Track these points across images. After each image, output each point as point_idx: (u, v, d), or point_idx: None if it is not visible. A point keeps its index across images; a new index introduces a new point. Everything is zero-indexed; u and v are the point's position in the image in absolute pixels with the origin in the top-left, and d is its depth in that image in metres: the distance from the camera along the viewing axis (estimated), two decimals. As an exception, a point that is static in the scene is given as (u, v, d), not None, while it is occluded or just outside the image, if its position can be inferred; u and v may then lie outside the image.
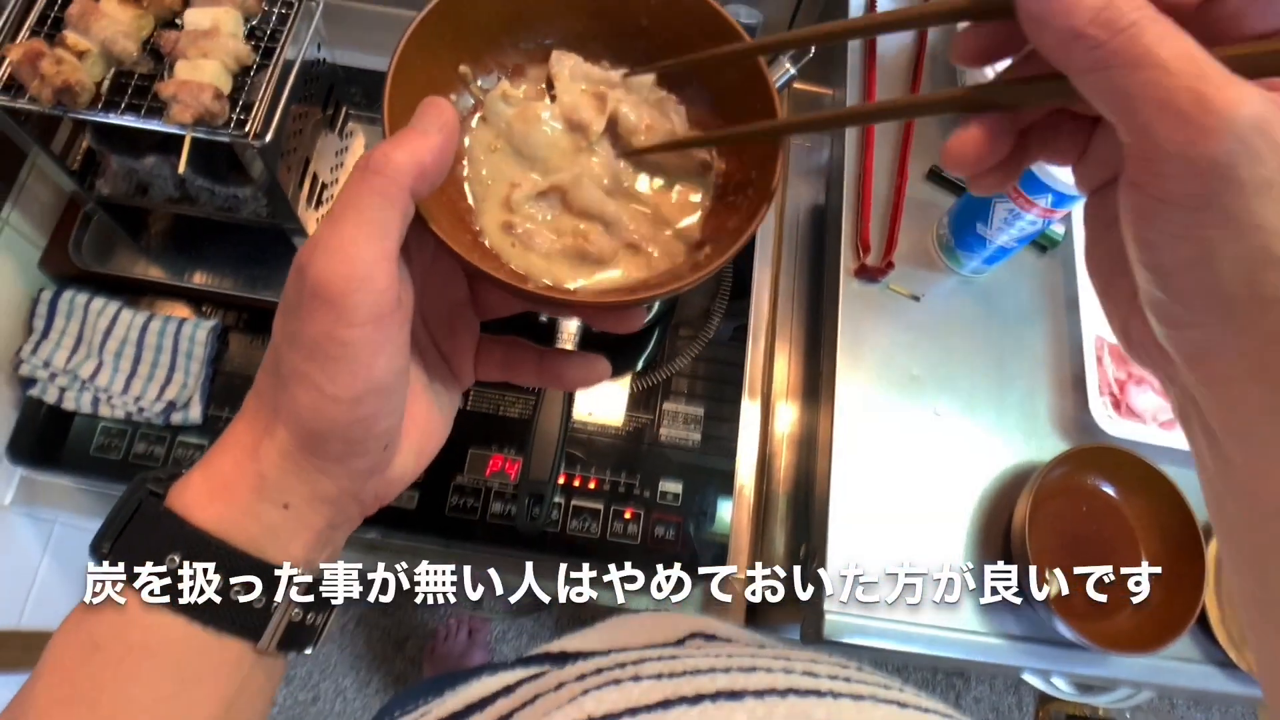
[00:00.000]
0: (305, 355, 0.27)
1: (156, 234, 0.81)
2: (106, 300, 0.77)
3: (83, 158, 0.72)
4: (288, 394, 0.27)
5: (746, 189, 0.36)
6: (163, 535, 0.28)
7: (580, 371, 0.37)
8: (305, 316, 0.26)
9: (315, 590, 0.30)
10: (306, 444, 0.28)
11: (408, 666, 1.44)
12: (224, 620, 0.28)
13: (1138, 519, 0.71)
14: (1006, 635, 0.68)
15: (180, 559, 0.27)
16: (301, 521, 0.29)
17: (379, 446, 0.30)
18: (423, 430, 0.33)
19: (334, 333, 0.26)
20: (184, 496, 0.28)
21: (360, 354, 0.27)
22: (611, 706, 0.30)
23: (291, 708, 1.40)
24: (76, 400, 0.74)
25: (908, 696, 0.32)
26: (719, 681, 0.32)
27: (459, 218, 0.35)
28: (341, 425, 0.28)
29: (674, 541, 0.80)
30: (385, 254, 0.27)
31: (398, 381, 0.29)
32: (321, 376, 0.27)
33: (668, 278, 0.36)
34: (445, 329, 0.36)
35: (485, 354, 0.38)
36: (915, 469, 0.72)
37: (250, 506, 0.28)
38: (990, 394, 0.75)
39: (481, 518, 0.79)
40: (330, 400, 0.27)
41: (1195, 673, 0.69)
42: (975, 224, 0.73)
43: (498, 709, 0.36)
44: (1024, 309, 0.79)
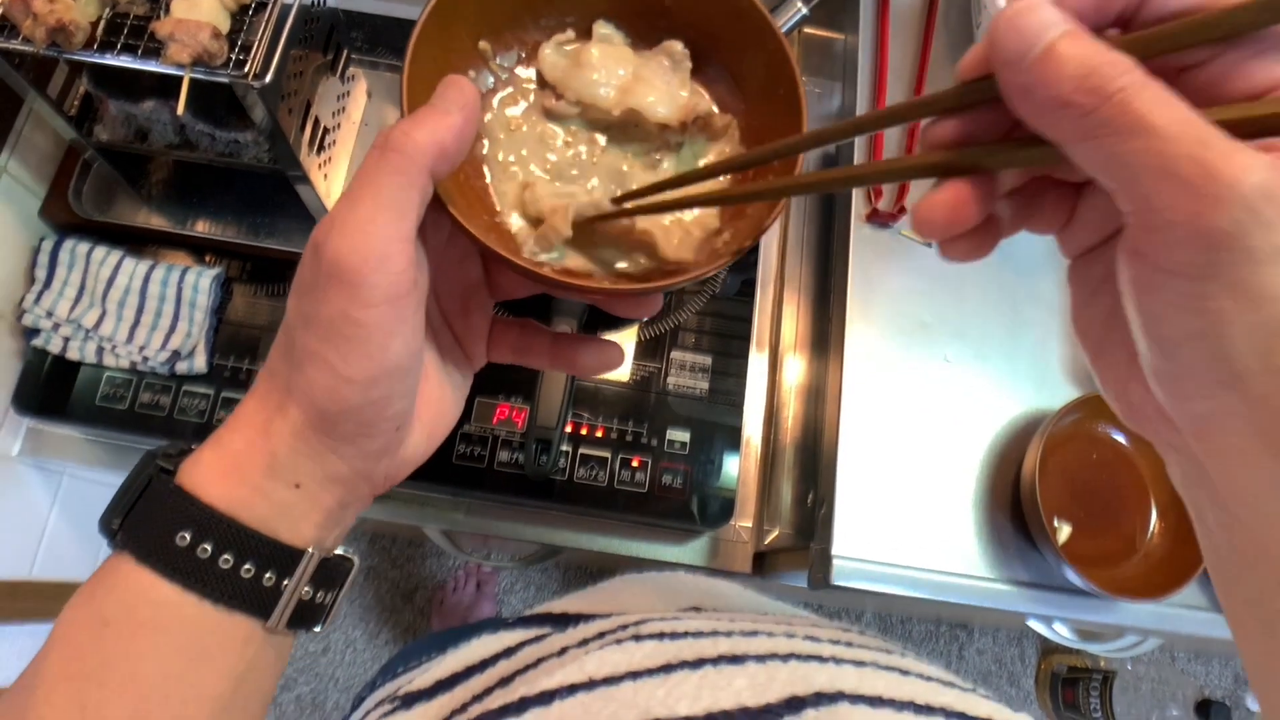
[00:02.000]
0: (320, 336, 0.27)
1: (157, 182, 0.79)
2: (109, 249, 0.76)
3: (80, 103, 0.71)
4: (301, 374, 0.27)
5: (767, 176, 0.36)
6: (173, 512, 0.28)
7: (593, 358, 0.37)
8: (321, 297, 0.26)
9: (326, 568, 0.30)
10: (319, 424, 0.28)
11: (416, 617, 1.46)
12: (234, 598, 0.28)
13: (1148, 467, 0.70)
14: (1014, 581, 0.68)
15: (191, 537, 0.27)
16: (313, 501, 0.29)
17: (391, 428, 0.30)
18: (435, 411, 0.33)
19: (349, 313, 0.26)
20: (194, 474, 0.28)
21: (375, 335, 0.26)
22: (613, 668, 0.31)
23: (302, 659, 1.42)
24: (81, 350, 0.74)
25: (909, 663, 0.32)
26: (720, 646, 0.32)
27: (476, 198, 0.35)
28: (355, 406, 0.27)
29: (681, 489, 0.80)
30: (403, 235, 0.27)
31: (412, 363, 0.28)
32: (336, 357, 0.27)
33: (685, 266, 0.35)
34: (459, 309, 0.36)
35: (498, 336, 0.37)
36: (925, 416, 0.71)
37: (261, 485, 0.28)
38: (1002, 342, 0.74)
39: (489, 466, 0.79)
40: (344, 381, 0.27)
41: (1202, 620, 0.69)
42: (990, 168, 0.71)
43: (499, 670, 0.37)
44: (1037, 255, 0.78)
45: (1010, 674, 1.56)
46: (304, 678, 1.42)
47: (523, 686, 0.31)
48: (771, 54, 0.35)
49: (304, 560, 0.29)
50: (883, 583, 0.66)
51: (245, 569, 0.28)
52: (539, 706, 0.29)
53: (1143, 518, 0.70)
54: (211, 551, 0.27)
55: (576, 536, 0.84)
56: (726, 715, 0.27)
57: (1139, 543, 0.69)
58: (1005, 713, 0.28)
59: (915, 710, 0.27)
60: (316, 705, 1.40)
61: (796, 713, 0.27)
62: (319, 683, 1.42)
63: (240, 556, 0.28)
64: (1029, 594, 0.68)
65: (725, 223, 0.37)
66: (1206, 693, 1.26)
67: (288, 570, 0.29)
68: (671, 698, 0.28)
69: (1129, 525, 0.69)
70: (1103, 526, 0.69)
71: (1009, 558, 0.68)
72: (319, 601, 0.31)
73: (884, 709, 0.27)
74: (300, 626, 0.31)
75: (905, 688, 0.29)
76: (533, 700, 0.29)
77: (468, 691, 0.36)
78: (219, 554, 0.27)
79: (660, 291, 0.34)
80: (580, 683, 0.30)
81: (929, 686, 0.30)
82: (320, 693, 1.42)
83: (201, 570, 0.27)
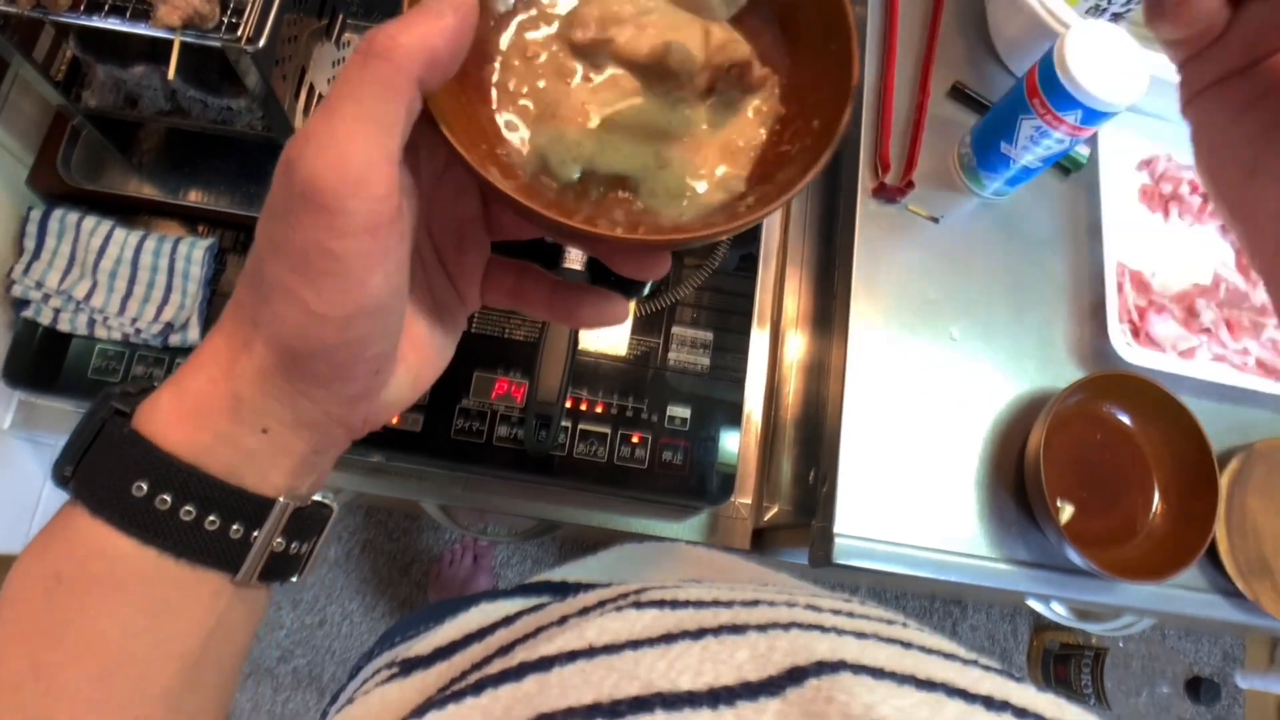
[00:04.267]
0: (290, 266, 0.24)
1: (148, 150, 0.78)
2: (99, 219, 0.74)
3: (67, 68, 0.69)
4: (269, 308, 0.25)
5: (805, 139, 0.33)
6: (129, 460, 0.25)
7: (595, 310, 0.34)
8: (292, 221, 0.23)
9: (300, 518, 0.28)
10: (287, 365, 0.25)
11: (413, 591, 1.47)
12: (199, 552, 0.26)
13: (1152, 448, 0.70)
14: (1015, 561, 0.68)
15: (148, 487, 0.25)
16: (281, 447, 0.27)
17: (369, 371, 0.27)
18: (421, 354, 0.31)
19: (324, 243, 0.23)
20: (152, 418, 0.26)
21: (352, 268, 0.24)
22: (614, 636, 0.29)
23: (298, 631, 1.42)
24: (71, 322, 0.73)
25: (911, 634, 0.31)
26: (721, 616, 0.31)
27: (478, 125, 0.32)
28: (328, 347, 0.25)
29: (681, 466, 0.79)
30: (386, 154, 0.24)
31: (393, 301, 0.26)
32: (308, 291, 0.24)
33: (702, 224, 0.33)
34: (453, 246, 0.33)
35: (494, 277, 0.35)
36: (929, 394, 0.71)
37: (225, 430, 0.26)
38: (1008, 319, 0.73)
39: (488, 441, 0.79)
40: (316, 319, 0.24)
41: (1201, 601, 0.69)
42: (999, 142, 0.70)
43: (498, 638, 0.35)
44: (1045, 233, 0.77)
45: (1003, 650, 1.57)
46: (300, 650, 1.42)
47: (522, 653, 0.30)
48: (829, 4, 0.32)
49: (274, 511, 0.27)
50: (884, 561, 0.66)
51: (210, 521, 0.26)
52: (538, 672, 0.28)
53: (1145, 498, 0.69)
54: (171, 503, 0.25)
55: (575, 512, 0.84)
56: (728, 690, 0.26)
57: (1141, 523, 0.69)
58: (1007, 687, 0.27)
59: (916, 685, 0.26)
60: (313, 678, 1.41)
61: (799, 683, 0.26)
62: (315, 655, 1.42)
63: (204, 508, 0.26)
64: (1030, 573, 0.68)
65: (751, 186, 0.35)
66: (1196, 670, 1.27)
67: (257, 522, 0.27)
68: (674, 670, 0.27)
69: (1131, 506, 0.69)
70: (1105, 506, 0.69)
71: (1010, 537, 0.68)
72: (293, 552, 0.29)
73: (885, 681, 0.26)
74: (274, 578, 0.29)
75: (907, 661, 0.28)
76: (531, 666, 0.28)
77: (467, 659, 0.35)
78: (179, 505, 0.25)
79: (671, 248, 0.32)
80: (580, 649, 0.29)
81: (930, 660, 0.29)
82: (316, 665, 1.42)
83: (161, 523, 0.25)
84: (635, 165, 0.34)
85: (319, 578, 1.45)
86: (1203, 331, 0.72)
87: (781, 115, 0.36)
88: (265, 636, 1.42)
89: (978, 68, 0.79)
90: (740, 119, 0.36)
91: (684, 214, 0.34)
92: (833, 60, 0.33)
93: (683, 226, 0.33)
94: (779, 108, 0.36)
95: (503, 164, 0.32)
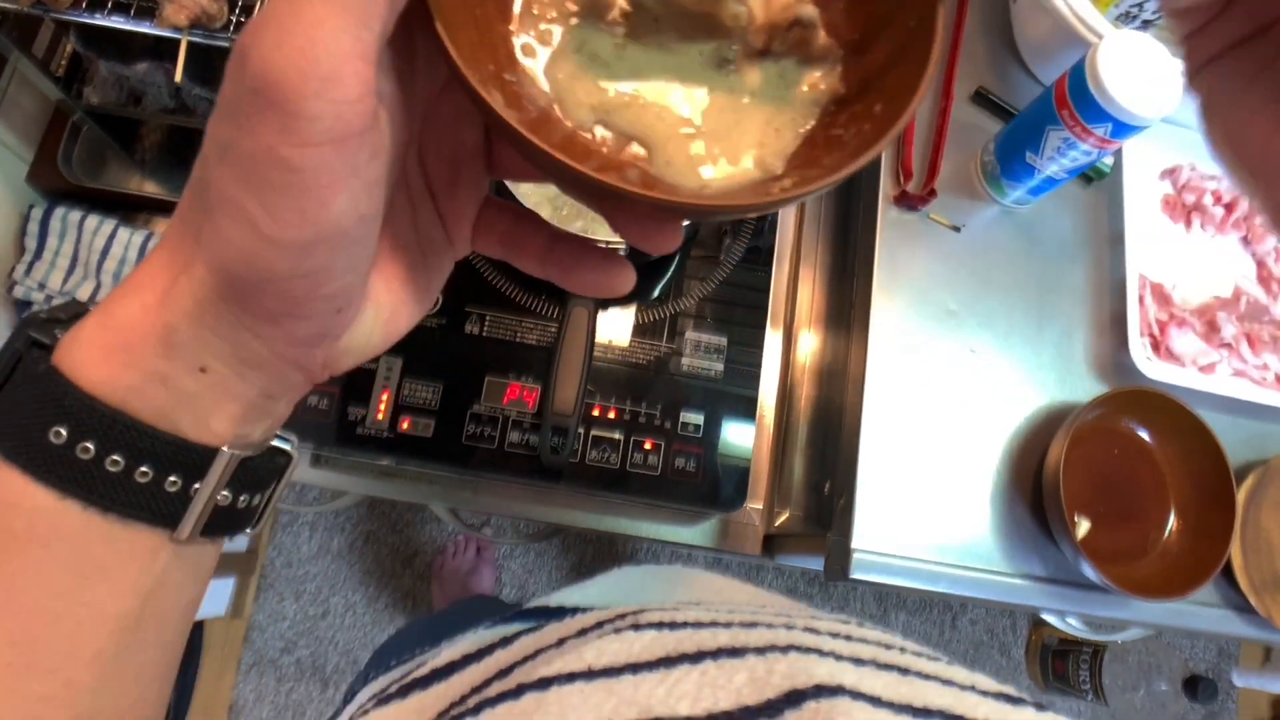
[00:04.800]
0: (238, 176, 0.20)
1: (151, 146, 0.76)
2: (101, 218, 0.72)
3: (68, 63, 0.67)
4: (211, 224, 0.21)
5: (863, 123, 0.29)
6: (47, 401, 0.22)
7: (596, 273, 0.30)
8: (242, 123, 0.20)
9: (249, 468, 0.25)
10: (230, 293, 0.22)
11: (416, 582, 1.47)
12: (129, 506, 0.23)
13: (1169, 464, 0.69)
14: (1031, 576, 0.67)
15: (67, 433, 0.22)
16: (224, 389, 0.23)
17: (329, 309, 0.24)
18: (396, 296, 0.27)
19: (278, 150, 0.19)
20: (74, 352, 0.22)
21: (311, 184, 0.20)
22: (612, 658, 0.28)
23: (301, 622, 1.42)
24: (76, 323, 0.71)
25: (908, 659, 0.30)
26: (720, 638, 0.29)
27: (490, 42, 0.28)
28: (278, 276, 0.21)
29: (694, 473, 0.79)
30: (360, 48, 0.20)
31: (361, 230, 0.22)
32: (257, 209, 0.20)
33: (729, 196, 0.29)
34: (447, 178, 0.29)
35: (487, 221, 0.30)
36: (946, 406, 0.70)
37: (156, 368, 0.22)
38: (1027, 331, 0.73)
39: (499, 447, 0.78)
40: (266, 242, 0.20)
41: (1214, 617, 0.69)
42: (1024, 151, 0.69)
43: (496, 660, 0.34)
44: (1066, 243, 0.76)
45: (1001, 644, 1.58)
46: (304, 641, 1.42)
47: (520, 675, 0.29)
48: None
49: (217, 463, 0.24)
50: (900, 576, 0.66)
51: (141, 472, 0.23)
52: (536, 691, 0.27)
53: (1161, 515, 0.69)
54: (95, 451, 0.22)
55: (585, 517, 0.83)
56: (727, 715, 0.25)
57: (1156, 540, 0.68)
58: (1004, 711, 0.27)
59: (913, 713, 0.26)
60: (317, 668, 1.41)
61: (797, 706, 0.25)
62: (318, 646, 1.42)
63: (133, 458, 0.22)
64: (1045, 589, 0.67)
65: (790, 168, 0.30)
66: (1192, 667, 1.28)
67: (197, 473, 0.24)
68: (672, 696, 0.26)
69: (1146, 522, 0.69)
70: (1120, 522, 0.69)
71: (1026, 552, 0.68)
72: (242, 506, 0.26)
73: (883, 710, 0.25)
74: (222, 533, 0.26)
75: (904, 689, 0.27)
76: (530, 686, 0.27)
77: (465, 682, 0.34)
78: (105, 454, 0.22)
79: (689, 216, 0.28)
80: (579, 671, 0.28)
81: (928, 686, 0.28)
82: (320, 656, 1.42)
83: (84, 474, 0.22)
84: (659, 129, 0.30)
85: (322, 568, 1.45)
86: (1223, 346, 0.71)
87: (840, 95, 0.31)
88: (268, 628, 1.42)
89: (1002, 72, 0.78)
90: (792, 94, 0.32)
91: (706, 187, 0.30)
92: (909, 38, 0.28)
93: (707, 194, 0.29)
94: (838, 86, 0.31)
95: (509, 91, 0.28)
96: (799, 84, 0.31)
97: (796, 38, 0.31)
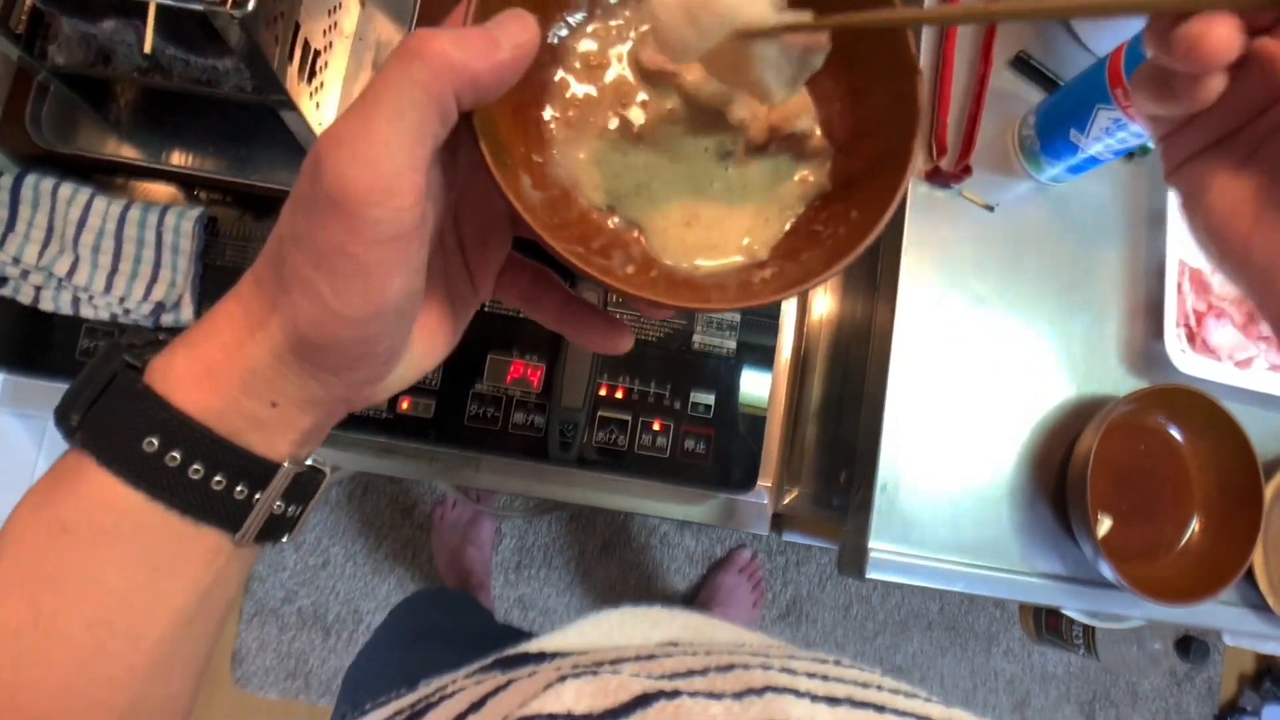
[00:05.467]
0: (312, 262, 0.24)
1: (126, 106, 0.70)
2: (76, 186, 0.68)
3: (28, 19, 0.60)
4: (288, 297, 0.25)
5: (839, 226, 0.31)
6: (141, 415, 0.26)
7: (600, 335, 0.35)
8: (317, 220, 0.24)
9: (298, 482, 0.29)
10: (302, 351, 0.26)
11: (416, 532, 1.47)
12: (205, 510, 0.27)
13: (1197, 461, 0.67)
14: (1048, 575, 0.66)
15: (159, 443, 0.25)
16: (288, 421, 0.28)
17: (381, 362, 0.28)
18: (430, 339, 0.32)
19: (347, 247, 0.24)
20: (166, 376, 0.26)
21: (374, 274, 0.24)
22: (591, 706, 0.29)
23: (302, 572, 1.43)
24: (55, 300, 0.67)
25: (885, 697, 0.31)
26: (696, 684, 0.31)
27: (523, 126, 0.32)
28: (342, 341, 0.26)
29: (704, 454, 0.76)
30: (416, 163, 0.24)
31: (409, 304, 0.27)
32: (328, 290, 0.24)
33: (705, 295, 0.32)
34: (477, 238, 0.33)
35: (510, 276, 0.35)
36: (969, 398, 0.67)
37: (236, 401, 0.26)
38: (1057, 319, 0.69)
39: (503, 428, 0.75)
40: (334, 316, 0.25)
41: (1230, 614, 0.68)
42: (1068, 128, 0.64)
43: (469, 694, 0.35)
44: (1102, 222, 0.71)
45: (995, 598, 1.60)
46: (305, 590, 1.43)
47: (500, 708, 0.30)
48: (900, 95, 0.30)
49: (279, 475, 0.28)
50: (917, 576, 0.64)
51: (216, 481, 0.26)
52: None
53: (1184, 513, 0.67)
54: (181, 460, 0.26)
55: (591, 494, 0.82)
56: None
57: (1178, 539, 0.67)
58: None
59: None
60: (318, 617, 1.42)
61: None
62: (320, 595, 1.43)
63: (211, 467, 0.26)
64: (1063, 588, 0.66)
65: (773, 258, 0.33)
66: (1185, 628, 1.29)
67: (261, 484, 0.28)
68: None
69: (1169, 520, 0.67)
70: (1142, 520, 0.67)
71: (1044, 549, 0.66)
72: (289, 515, 0.30)
73: None
74: (268, 539, 0.29)
75: None
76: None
77: None
78: (189, 463, 0.26)
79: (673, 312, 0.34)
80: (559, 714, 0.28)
81: None
82: (321, 605, 1.43)
83: (170, 479, 0.26)
84: (659, 220, 0.33)
85: (321, 519, 1.45)
86: (1261, 339, 0.68)
87: (825, 192, 0.34)
88: (269, 577, 1.42)
89: (1046, 35, 0.72)
90: (782, 186, 0.35)
91: (696, 271, 0.33)
92: (888, 152, 0.31)
93: (694, 282, 0.32)
94: (825, 183, 0.34)
95: (537, 172, 0.31)
96: (791, 177, 0.34)
97: (795, 141, 0.34)
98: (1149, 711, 1.64)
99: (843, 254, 0.29)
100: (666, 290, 0.31)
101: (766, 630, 1.56)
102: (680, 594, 1.53)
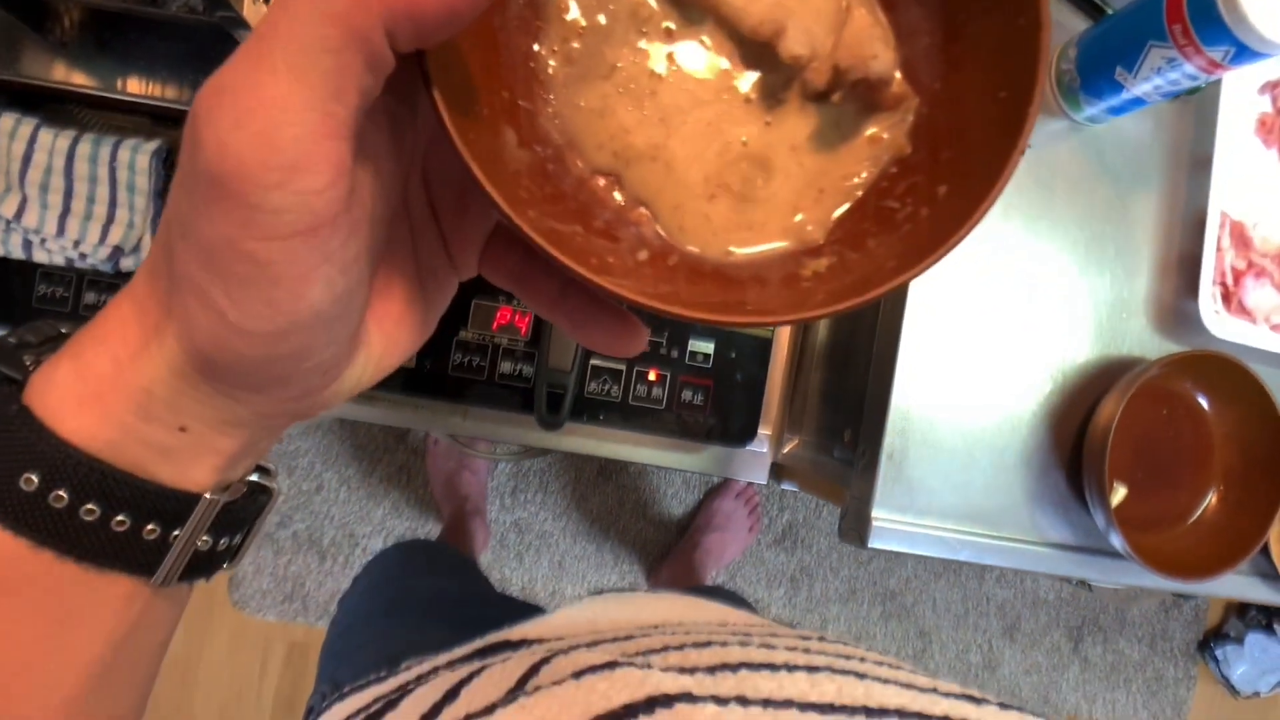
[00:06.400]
0: (200, 263, 0.18)
1: (71, 27, 0.63)
2: (19, 117, 0.62)
3: (-58, -74, 0.53)
4: (179, 301, 0.19)
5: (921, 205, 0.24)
6: (19, 446, 0.21)
7: (607, 332, 0.26)
8: (200, 209, 0.18)
9: (230, 511, 0.24)
10: (205, 370, 0.21)
11: (410, 457, 1.45)
12: (106, 556, 0.22)
13: (1222, 430, 0.64)
14: (1057, 544, 0.64)
15: (39, 481, 0.20)
16: (204, 445, 0.22)
17: (314, 376, 0.22)
18: (390, 335, 0.25)
19: (239, 244, 0.17)
20: (47, 394, 0.21)
21: (281, 277, 0.18)
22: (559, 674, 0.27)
23: (296, 497, 1.42)
24: (4, 244, 0.62)
25: (868, 667, 0.29)
26: (670, 659, 0.29)
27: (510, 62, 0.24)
28: (253, 361, 0.20)
29: (702, 406, 0.73)
30: (331, 126, 0.17)
31: (340, 308, 0.20)
32: (224, 299, 0.18)
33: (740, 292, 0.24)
34: (453, 201, 0.26)
35: (496, 252, 0.27)
36: (987, 352, 0.63)
37: (132, 427, 0.21)
38: (1087, 271, 0.64)
39: (489, 378, 0.71)
40: (234, 331, 0.19)
41: (1240, 583, 0.66)
42: (1114, 66, 0.57)
43: (444, 679, 0.32)
44: (1140, 166, 0.66)
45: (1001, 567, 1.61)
46: (299, 515, 1.43)
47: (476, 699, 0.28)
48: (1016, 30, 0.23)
49: (198, 509, 0.23)
50: (921, 545, 0.62)
51: (118, 521, 0.22)
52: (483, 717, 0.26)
53: (1203, 482, 0.65)
54: (69, 500, 0.21)
55: (584, 443, 0.79)
56: None
57: (1194, 509, 0.64)
58: (963, 709, 0.26)
59: (868, 714, 0.25)
60: (314, 541, 1.43)
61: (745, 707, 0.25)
62: (314, 520, 1.43)
63: (110, 507, 0.21)
64: (1072, 557, 0.64)
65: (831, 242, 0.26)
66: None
67: (175, 521, 0.23)
68: (614, 689, 0.24)
69: (1186, 490, 0.64)
70: (1158, 488, 0.64)
71: (1055, 519, 0.64)
72: (222, 548, 0.25)
73: (837, 715, 0.25)
74: (199, 576, 0.25)
75: (858, 690, 0.26)
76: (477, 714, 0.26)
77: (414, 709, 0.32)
78: (79, 503, 0.21)
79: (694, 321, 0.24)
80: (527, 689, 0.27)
81: (886, 689, 0.26)
82: (316, 529, 1.43)
83: (58, 522, 0.21)
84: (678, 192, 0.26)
85: (314, 444, 1.43)
86: (1303, 299, 0.63)
87: (904, 156, 0.26)
88: (263, 504, 1.42)
89: (1095, -46, 0.64)
90: (847, 145, 0.27)
91: (728, 260, 0.26)
92: (994, 108, 0.23)
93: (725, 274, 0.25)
94: (903, 144, 0.26)
95: (524, 122, 0.24)
96: (858, 134, 0.26)
97: (865, 86, 0.25)
98: (1135, 636, 1.67)
99: (924, 248, 0.21)
100: (687, 283, 0.24)
101: (761, 556, 1.58)
102: (677, 519, 1.53)
